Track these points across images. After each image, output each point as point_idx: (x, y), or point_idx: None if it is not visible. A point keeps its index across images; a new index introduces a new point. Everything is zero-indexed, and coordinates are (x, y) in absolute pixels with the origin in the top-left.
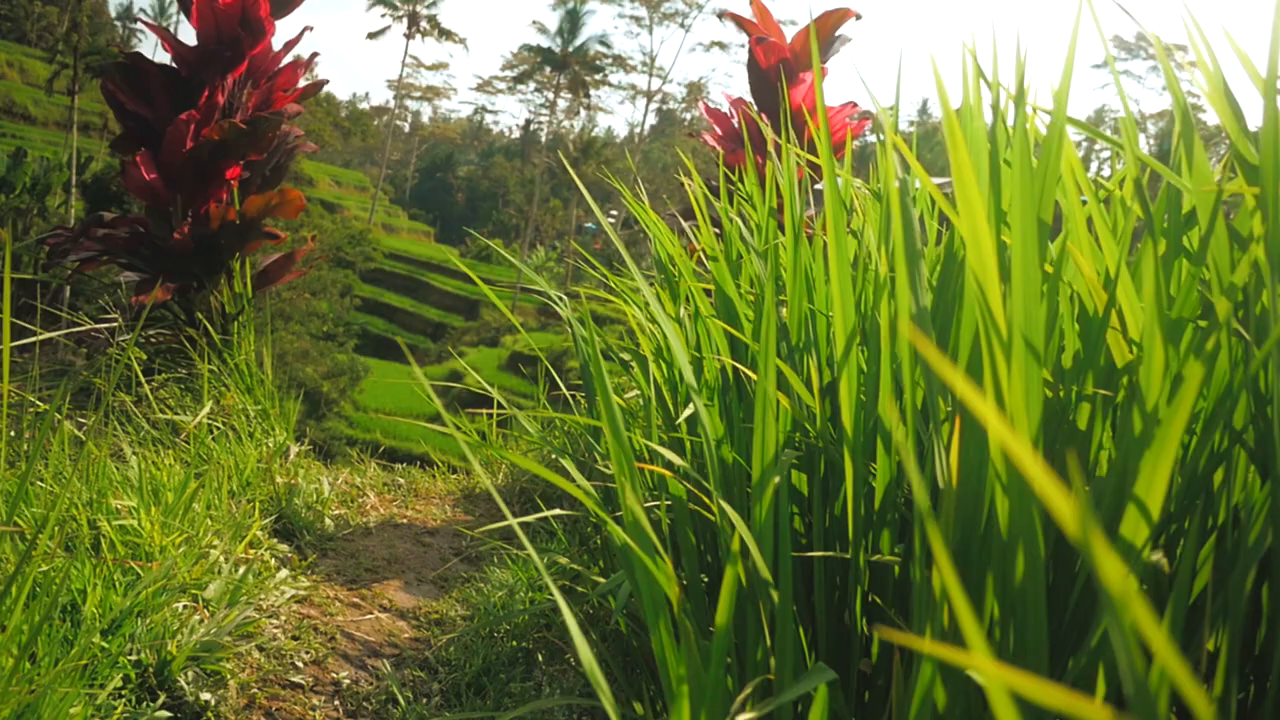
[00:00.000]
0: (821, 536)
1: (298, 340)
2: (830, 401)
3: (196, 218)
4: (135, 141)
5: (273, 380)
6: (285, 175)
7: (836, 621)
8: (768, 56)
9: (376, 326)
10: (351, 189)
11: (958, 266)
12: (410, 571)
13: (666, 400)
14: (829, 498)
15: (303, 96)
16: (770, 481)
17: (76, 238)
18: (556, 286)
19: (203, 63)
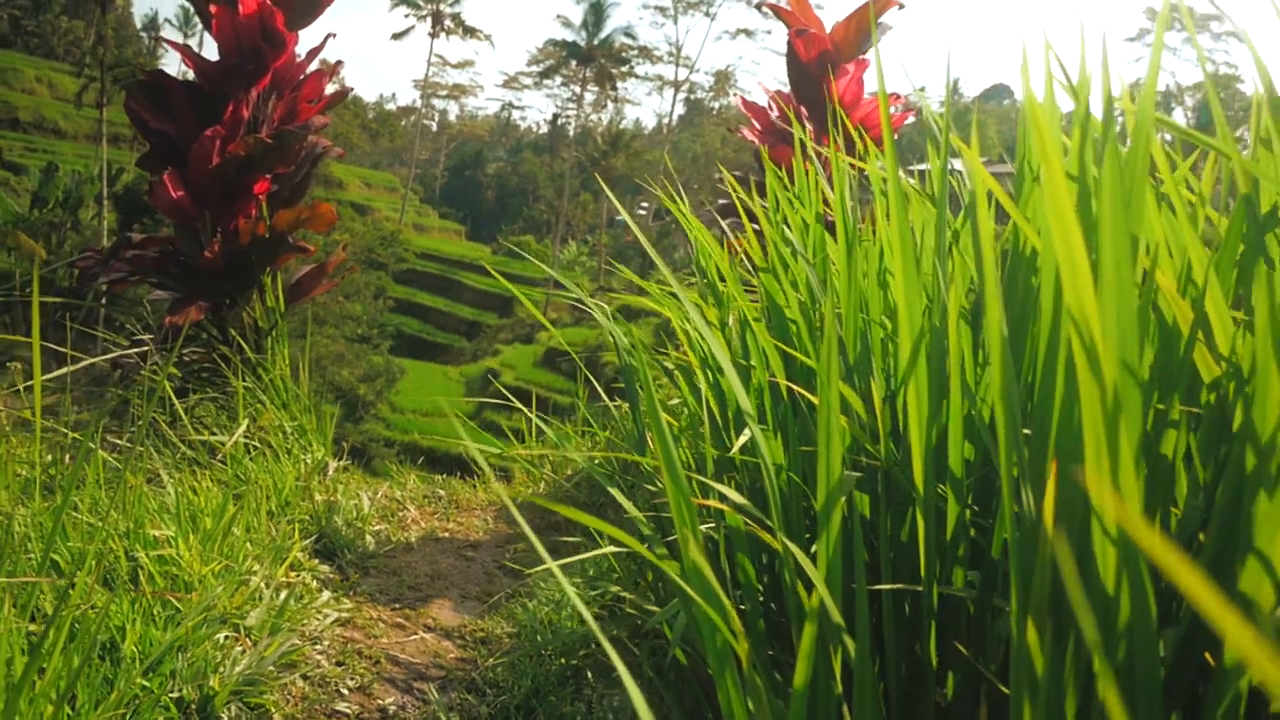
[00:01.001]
0: (889, 563)
1: (333, 344)
2: (891, 417)
3: (226, 234)
4: (161, 159)
5: (309, 387)
6: (311, 186)
7: (907, 650)
8: (808, 49)
9: (411, 327)
10: (381, 190)
11: (1023, 267)
12: (454, 588)
13: (714, 410)
14: (895, 519)
15: (328, 106)
16: (836, 522)
17: (106, 259)
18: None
19: (225, 77)
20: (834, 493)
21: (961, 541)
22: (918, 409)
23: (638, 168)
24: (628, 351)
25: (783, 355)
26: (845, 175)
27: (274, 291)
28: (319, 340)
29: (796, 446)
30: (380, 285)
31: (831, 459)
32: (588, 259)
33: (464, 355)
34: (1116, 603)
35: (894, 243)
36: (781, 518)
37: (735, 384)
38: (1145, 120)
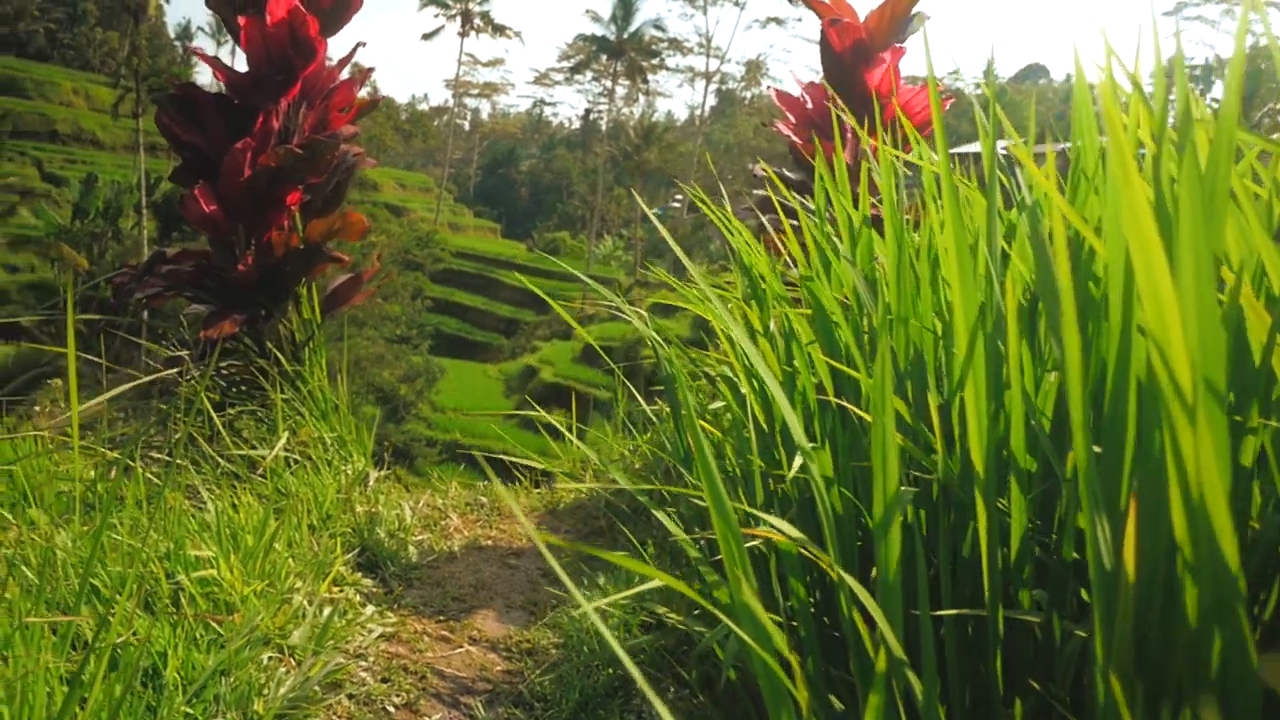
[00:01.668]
0: (949, 582)
1: (372, 345)
2: (946, 429)
3: (259, 247)
4: (193, 173)
5: (348, 391)
6: (346, 195)
7: (971, 674)
8: (842, 39)
9: (449, 326)
10: (416, 191)
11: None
12: (498, 598)
13: (759, 417)
14: (954, 534)
15: (359, 114)
16: (895, 560)
17: (141, 275)
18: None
19: (255, 88)
20: (891, 532)
21: (1027, 562)
22: (978, 423)
23: (671, 160)
24: (668, 360)
25: (826, 345)
26: (891, 176)
27: (310, 302)
28: (359, 342)
29: (846, 459)
30: (418, 285)
31: (888, 488)
32: (623, 253)
33: (503, 353)
34: (1207, 650)
35: (949, 252)
36: (836, 544)
37: (785, 406)
38: (1226, 132)
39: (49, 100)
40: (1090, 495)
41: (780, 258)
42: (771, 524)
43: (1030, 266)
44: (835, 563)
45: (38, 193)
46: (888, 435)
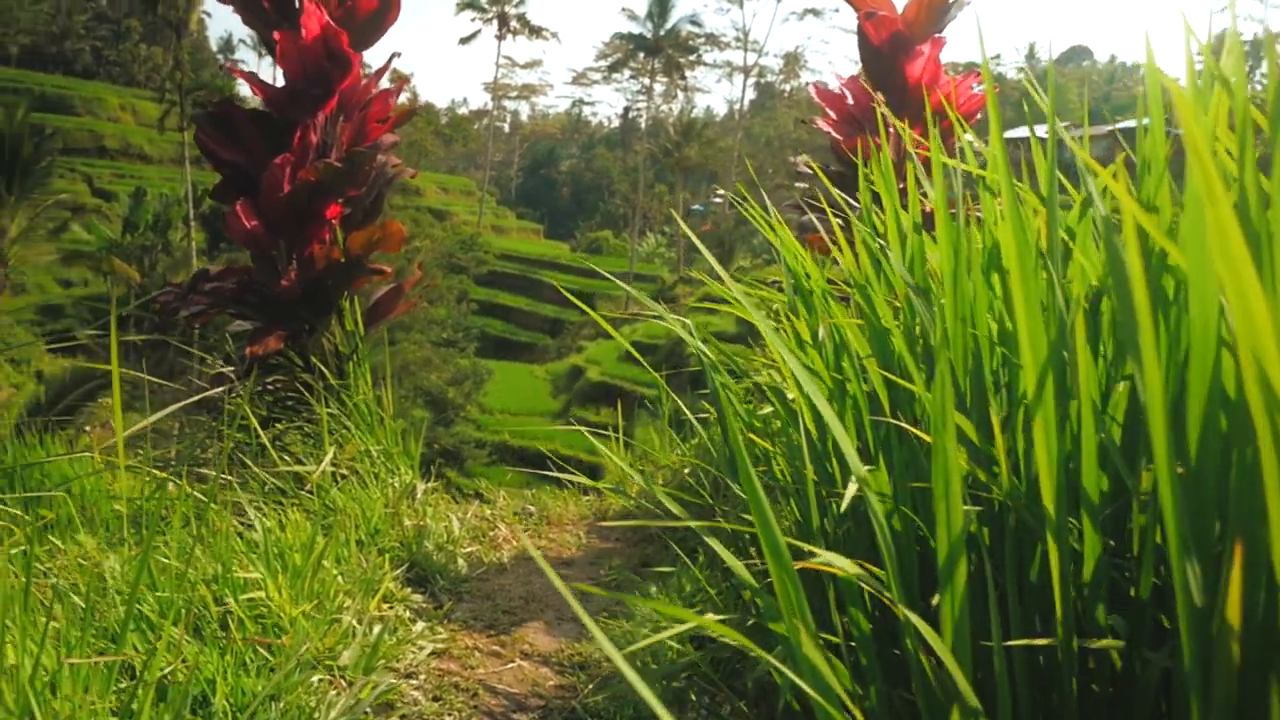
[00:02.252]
0: (1017, 608)
1: (419, 349)
2: (1008, 441)
3: (301, 261)
4: (233, 190)
5: (394, 396)
6: (385, 206)
7: (1043, 706)
8: (879, 31)
9: (495, 328)
10: (458, 194)
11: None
12: (549, 610)
13: (809, 427)
14: (1021, 557)
15: (396, 125)
16: (961, 604)
17: (185, 294)
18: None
19: (292, 102)
20: (957, 579)
21: (1102, 589)
22: (1046, 439)
23: (711, 156)
24: (712, 369)
25: (880, 356)
26: (943, 177)
27: (353, 315)
28: (406, 347)
29: (903, 475)
30: (463, 289)
31: (953, 532)
32: (666, 250)
33: (549, 353)
34: None
35: (1011, 261)
36: (898, 576)
37: (838, 429)
38: None
39: (97, 116)
40: (1179, 536)
41: (828, 257)
42: (828, 559)
43: (1094, 263)
44: (900, 600)
45: (88, 208)
46: (951, 478)
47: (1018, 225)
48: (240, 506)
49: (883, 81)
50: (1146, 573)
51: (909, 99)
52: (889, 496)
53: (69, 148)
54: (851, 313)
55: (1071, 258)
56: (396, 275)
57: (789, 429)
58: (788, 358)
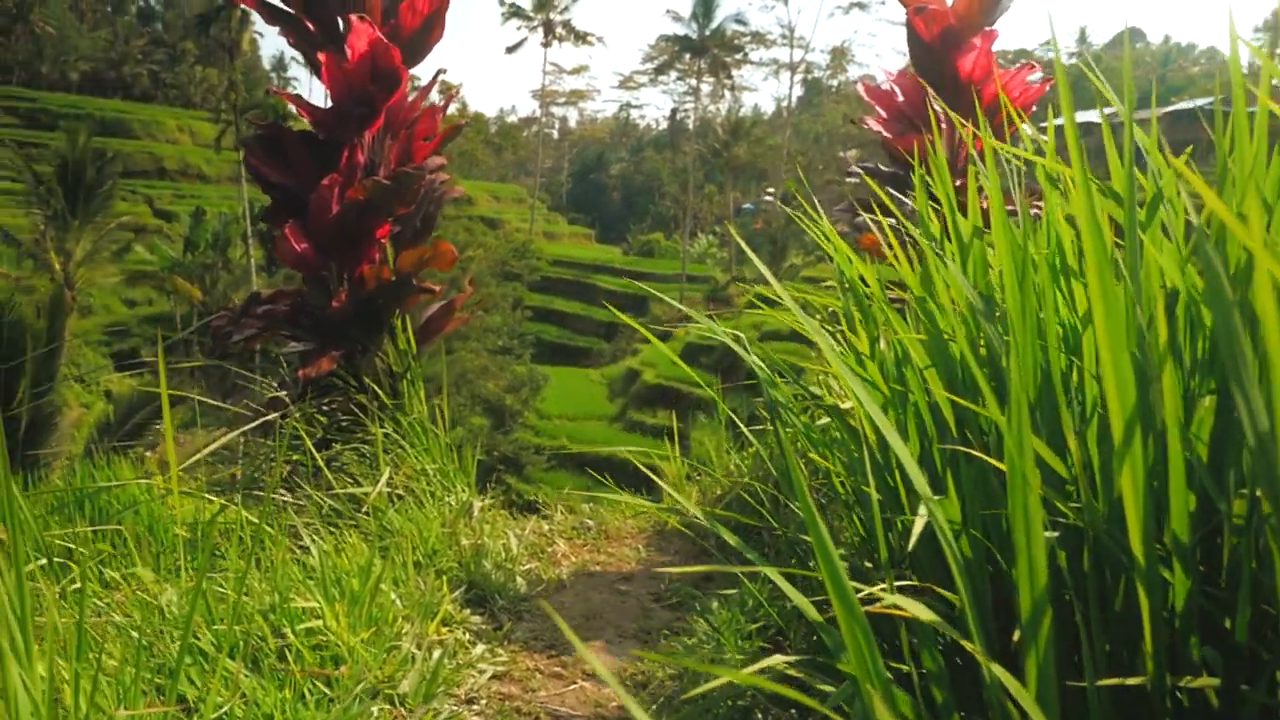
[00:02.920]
0: (1101, 640)
1: (476, 358)
2: (1083, 456)
3: (352, 282)
4: (283, 212)
5: (456, 402)
6: (435, 225)
7: None
8: (929, 26)
9: (550, 334)
10: (510, 202)
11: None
12: (610, 627)
13: (871, 444)
14: (1102, 583)
15: (443, 142)
16: (1045, 646)
17: (237, 318)
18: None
19: (339, 123)
20: (1041, 622)
21: (1194, 622)
22: (1132, 469)
23: (760, 154)
24: (769, 384)
25: (945, 371)
26: (1003, 176)
27: (405, 334)
28: (463, 355)
29: (972, 495)
30: (517, 296)
31: (1035, 570)
32: (718, 250)
33: (604, 357)
34: None
35: (1090, 276)
36: (977, 620)
37: (906, 457)
38: None
39: (155, 139)
40: None
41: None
42: (900, 602)
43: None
44: (978, 640)
45: (150, 229)
46: (1033, 524)
47: (1098, 242)
48: (298, 530)
49: (934, 77)
50: (1244, 606)
51: (961, 94)
52: (959, 524)
53: (130, 170)
54: (910, 322)
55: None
56: (450, 286)
57: (849, 443)
58: (849, 379)
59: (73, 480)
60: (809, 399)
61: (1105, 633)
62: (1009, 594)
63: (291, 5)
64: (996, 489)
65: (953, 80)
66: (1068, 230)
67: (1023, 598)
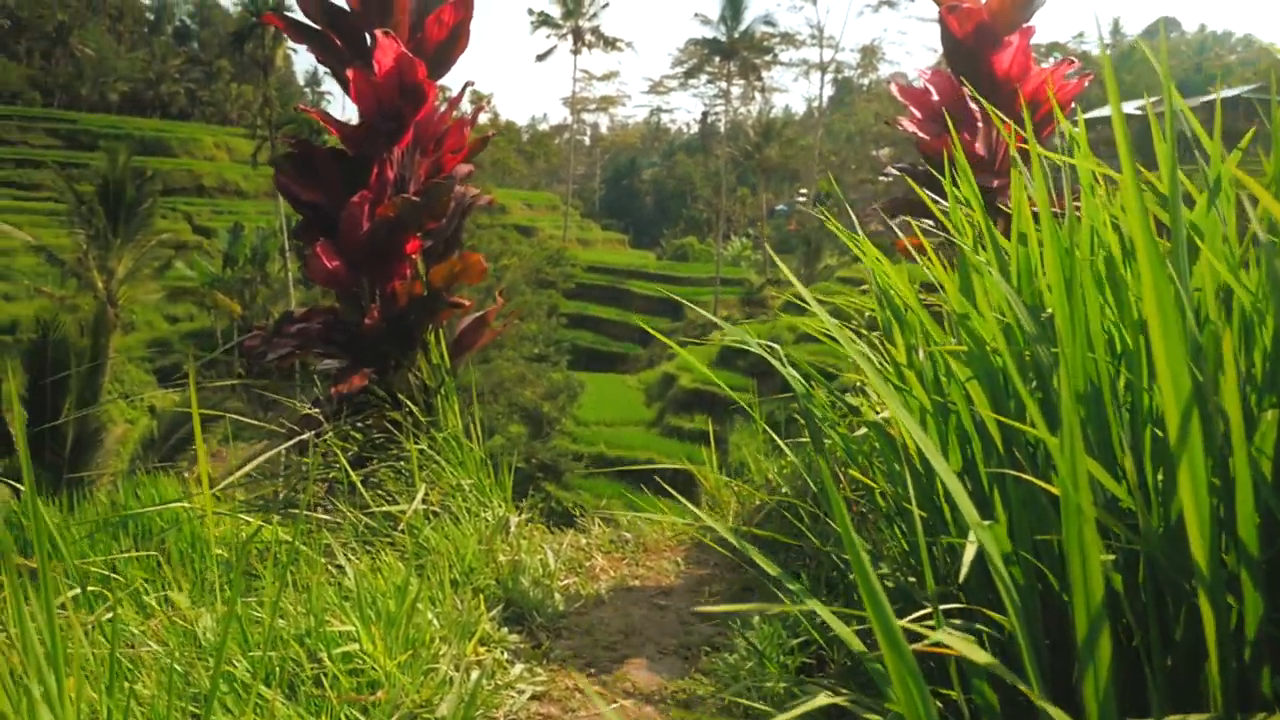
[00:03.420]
0: (1162, 671)
1: (513, 366)
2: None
3: (384, 298)
4: (314, 230)
5: (494, 409)
6: (463, 237)
7: None
8: (962, 24)
9: (585, 340)
10: (543, 210)
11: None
12: (650, 643)
13: (911, 452)
14: (1162, 610)
15: (471, 154)
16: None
17: (270, 337)
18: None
19: (368, 139)
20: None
21: (1264, 652)
22: (1194, 488)
23: (792, 155)
24: (806, 397)
25: (988, 384)
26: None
27: (438, 349)
28: (500, 364)
29: (1023, 520)
30: (552, 303)
31: (1092, 600)
32: (752, 252)
33: (640, 362)
34: None
35: (1146, 291)
36: (1032, 657)
37: (953, 484)
38: None
39: (193, 156)
40: None
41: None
42: (952, 643)
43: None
44: (1036, 690)
45: (190, 245)
46: (1090, 565)
47: (1153, 253)
48: (331, 550)
49: (969, 76)
50: None
51: (998, 92)
52: (1009, 549)
53: (169, 188)
54: (947, 328)
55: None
56: (484, 295)
57: (889, 457)
58: (890, 400)
59: (115, 497)
60: (846, 410)
61: (1166, 664)
62: (1061, 612)
63: (318, 21)
64: (1046, 506)
65: (989, 78)
66: (1112, 235)
67: (1079, 632)
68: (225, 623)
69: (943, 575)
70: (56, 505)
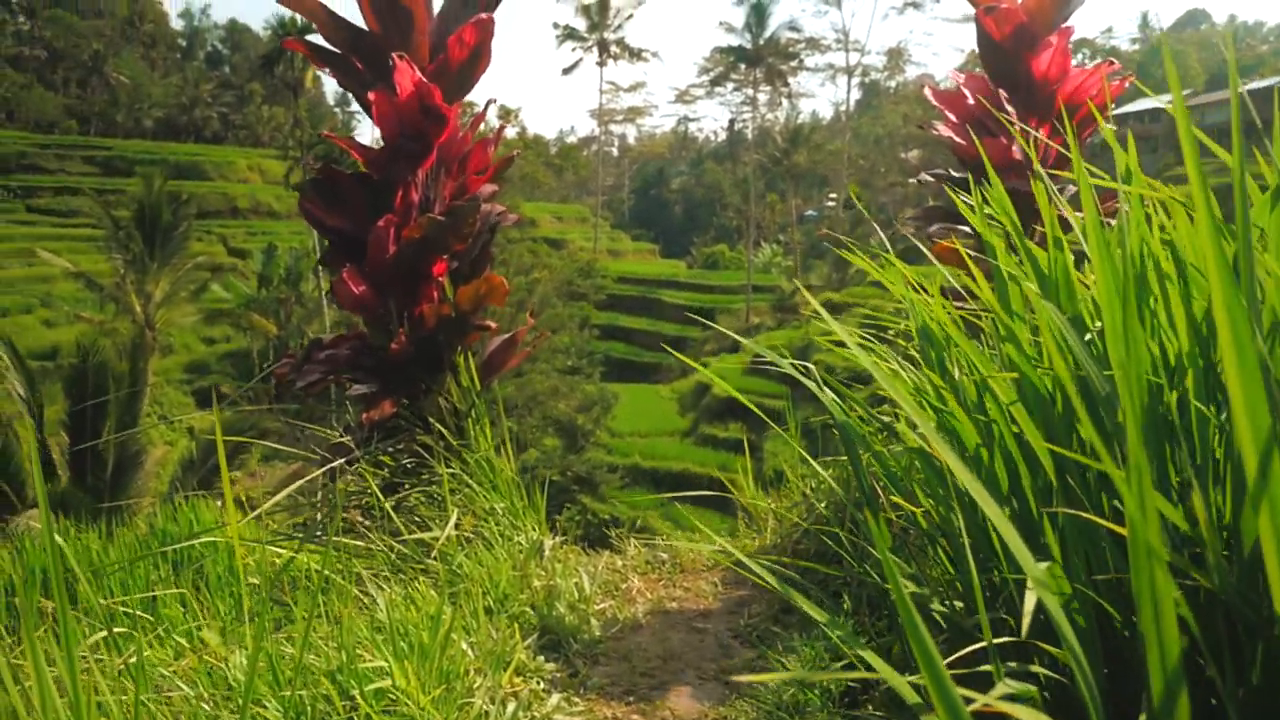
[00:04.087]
0: (1236, 707)
1: (546, 379)
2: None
3: (412, 321)
4: (340, 255)
5: (529, 424)
6: (490, 258)
7: None
8: (1000, 26)
9: (618, 350)
10: (573, 222)
11: None
12: (689, 669)
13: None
14: (1238, 651)
15: (496, 174)
16: None
17: (300, 365)
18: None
19: (391, 162)
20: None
21: None
22: (1272, 514)
23: (820, 160)
24: (843, 425)
25: (1037, 411)
26: (1095, 204)
27: (468, 371)
28: (534, 378)
29: (1077, 554)
30: (584, 315)
31: (1168, 655)
32: (783, 259)
33: (673, 372)
34: None
35: (1219, 316)
36: (1096, 708)
37: (1005, 529)
38: None
39: (227, 179)
40: None
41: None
42: (1011, 710)
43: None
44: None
45: (225, 267)
46: (1161, 595)
47: (1226, 274)
48: (365, 578)
49: (1006, 78)
50: None
51: (1036, 95)
52: (1067, 592)
53: (204, 211)
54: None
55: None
56: (517, 309)
57: (932, 481)
58: (928, 435)
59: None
60: (883, 428)
61: (1239, 694)
62: (1121, 643)
63: (339, 46)
64: (1104, 538)
65: (1026, 80)
66: (1160, 249)
67: (1155, 692)
68: (252, 662)
69: (989, 598)
70: (96, 532)
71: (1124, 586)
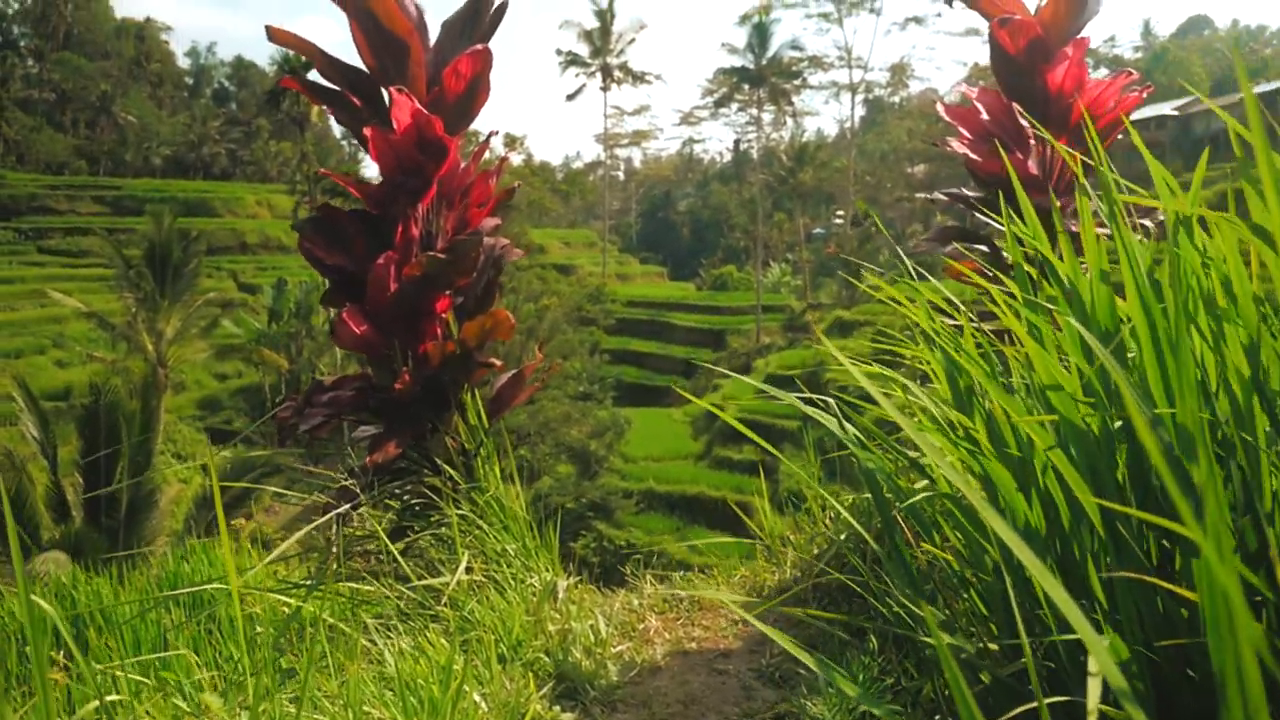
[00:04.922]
0: None
1: (558, 406)
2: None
3: (416, 360)
4: (341, 294)
5: (541, 453)
6: (497, 292)
7: None
8: (1014, 38)
9: (629, 375)
10: (581, 247)
11: None
12: (711, 713)
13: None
14: None
15: (497, 208)
16: None
17: (302, 408)
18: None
19: (390, 198)
20: None
21: None
22: None
23: (827, 178)
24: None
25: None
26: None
27: (475, 409)
28: (546, 405)
29: (1130, 611)
30: (594, 340)
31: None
32: (792, 278)
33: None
34: None
35: None
36: None
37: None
38: None
39: (236, 215)
40: None
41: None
42: None
43: None
44: None
45: (236, 302)
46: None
47: None
48: (377, 626)
49: (1021, 92)
50: None
51: (1052, 108)
52: (1126, 657)
53: (213, 247)
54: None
55: None
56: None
57: (968, 528)
58: (965, 490)
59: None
60: (912, 465)
61: None
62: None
63: (335, 82)
64: (1169, 604)
65: (1042, 93)
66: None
67: None
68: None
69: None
70: (108, 576)
71: (1188, 652)
